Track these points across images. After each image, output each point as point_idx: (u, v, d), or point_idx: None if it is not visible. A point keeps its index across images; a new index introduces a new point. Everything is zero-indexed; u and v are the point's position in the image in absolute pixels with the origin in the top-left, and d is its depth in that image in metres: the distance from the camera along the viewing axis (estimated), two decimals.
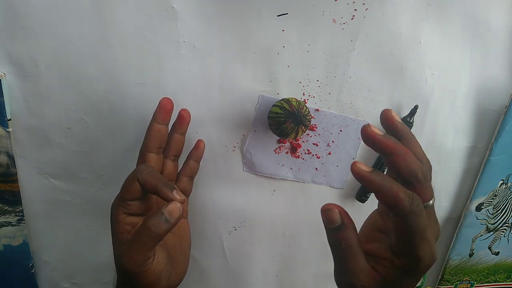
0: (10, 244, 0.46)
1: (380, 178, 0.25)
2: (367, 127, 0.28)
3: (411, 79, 0.44)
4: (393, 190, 0.25)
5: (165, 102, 0.37)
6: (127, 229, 0.33)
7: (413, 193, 0.26)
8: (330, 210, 0.27)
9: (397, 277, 0.28)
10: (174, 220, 0.31)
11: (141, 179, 0.32)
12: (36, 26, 0.37)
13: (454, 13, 0.42)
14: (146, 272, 0.32)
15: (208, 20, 0.39)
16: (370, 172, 0.26)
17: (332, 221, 0.27)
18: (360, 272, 0.28)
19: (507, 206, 0.54)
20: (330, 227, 0.28)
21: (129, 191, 0.32)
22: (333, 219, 0.27)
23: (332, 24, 0.40)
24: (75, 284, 0.52)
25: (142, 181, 0.32)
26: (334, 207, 0.27)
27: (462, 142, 0.49)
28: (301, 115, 0.39)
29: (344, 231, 0.27)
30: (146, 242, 0.30)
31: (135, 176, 0.32)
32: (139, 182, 0.32)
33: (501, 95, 0.47)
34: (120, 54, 0.39)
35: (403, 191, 0.25)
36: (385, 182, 0.25)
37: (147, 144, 0.37)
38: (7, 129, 0.40)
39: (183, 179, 0.41)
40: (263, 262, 0.53)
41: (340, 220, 0.27)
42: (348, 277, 0.28)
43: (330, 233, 0.28)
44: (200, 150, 0.42)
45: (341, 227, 0.27)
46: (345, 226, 0.27)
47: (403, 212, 0.25)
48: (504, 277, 0.60)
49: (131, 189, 0.32)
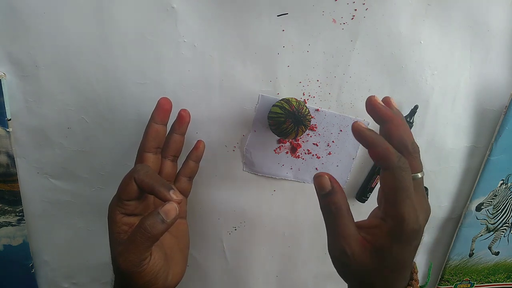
0: (10, 244, 0.46)
1: (374, 134, 0.29)
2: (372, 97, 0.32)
3: (411, 79, 0.44)
4: (385, 144, 0.29)
5: (164, 102, 0.36)
6: (124, 229, 0.33)
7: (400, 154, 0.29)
8: (321, 176, 0.30)
9: (385, 243, 0.29)
10: (171, 220, 0.31)
11: (137, 179, 0.32)
12: (36, 26, 0.37)
13: (454, 13, 0.42)
14: (143, 272, 0.32)
15: (208, 20, 0.39)
16: (367, 129, 0.29)
17: (323, 187, 0.30)
18: (350, 238, 0.30)
19: (507, 206, 0.54)
20: (322, 193, 0.30)
21: (126, 191, 0.32)
22: (324, 185, 0.30)
23: (332, 24, 0.40)
24: (75, 284, 0.52)
25: (138, 181, 0.32)
26: (324, 174, 0.30)
27: (462, 142, 0.49)
28: (301, 115, 0.39)
29: (333, 195, 0.30)
30: (142, 243, 0.30)
31: (132, 176, 0.32)
32: (136, 182, 0.32)
33: (501, 95, 0.47)
34: (120, 54, 0.39)
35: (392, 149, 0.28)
36: (378, 137, 0.29)
37: (145, 144, 0.37)
38: (7, 129, 0.40)
39: (182, 180, 0.41)
40: (263, 262, 0.53)
41: (330, 186, 0.30)
42: (339, 243, 0.30)
43: (322, 199, 0.31)
44: (199, 150, 0.42)
45: (331, 192, 0.30)
46: (335, 191, 0.30)
47: (391, 165, 0.28)
48: (504, 277, 0.60)
49: (128, 189, 0.32)
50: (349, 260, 0.30)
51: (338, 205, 0.30)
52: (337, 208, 0.30)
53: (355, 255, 0.29)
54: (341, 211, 0.30)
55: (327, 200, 0.30)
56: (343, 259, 0.30)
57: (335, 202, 0.30)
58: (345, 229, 0.30)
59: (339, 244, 0.30)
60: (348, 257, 0.30)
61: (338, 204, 0.30)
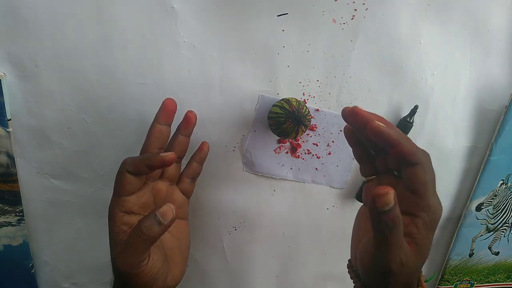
0: (10, 244, 0.46)
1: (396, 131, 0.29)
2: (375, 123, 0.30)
3: (411, 79, 0.44)
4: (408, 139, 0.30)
5: (168, 102, 0.36)
6: (123, 229, 0.33)
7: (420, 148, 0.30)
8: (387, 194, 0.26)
9: (423, 237, 0.29)
10: (168, 222, 0.31)
11: (128, 167, 0.33)
12: (36, 26, 0.37)
13: (454, 13, 0.42)
14: (141, 273, 0.32)
15: (208, 20, 0.39)
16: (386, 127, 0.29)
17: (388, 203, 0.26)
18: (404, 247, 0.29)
19: (507, 206, 0.54)
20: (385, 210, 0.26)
21: (122, 185, 0.33)
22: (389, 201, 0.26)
23: (332, 24, 0.40)
24: (75, 284, 0.52)
25: (130, 168, 0.33)
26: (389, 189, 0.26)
27: (462, 142, 0.49)
28: (301, 115, 0.39)
29: (395, 209, 0.27)
30: (139, 245, 0.30)
31: (123, 168, 0.33)
32: (129, 171, 0.33)
33: (501, 95, 0.47)
34: (120, 54, 0.39)
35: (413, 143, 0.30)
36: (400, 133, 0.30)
37: (148, 144, 0.37)
38: (7, 129, 0.40)
39: (185, 180, 0.41)
40: (263, 262, 0.53)
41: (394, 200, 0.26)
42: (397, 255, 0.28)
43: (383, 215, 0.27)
44: (204, 152, 0.41)
45: (395, 206, 0.26)
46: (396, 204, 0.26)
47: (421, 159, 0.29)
48: (504, 277, 0.60)
49: (123, 182, 0.33)
50: (403, 268, 0.29)
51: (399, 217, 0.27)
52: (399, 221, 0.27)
53: (409, 262, 0.29)
54: (400, 223, 0.27)
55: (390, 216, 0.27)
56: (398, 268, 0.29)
57: (398, 215, 0.27)
58: (401, 239, 0.28)
59: (397, 256, 0.28)
60: (402, 266, 0.29)
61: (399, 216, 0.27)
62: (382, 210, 0.26)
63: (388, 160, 0.33)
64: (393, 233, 0.27)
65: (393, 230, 0.27)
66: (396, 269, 0.29)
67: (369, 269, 0.31)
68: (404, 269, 0.29)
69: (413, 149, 0.29)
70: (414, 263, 0.29)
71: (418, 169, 0.29)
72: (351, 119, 0.32)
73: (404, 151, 0.29)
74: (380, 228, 0.27)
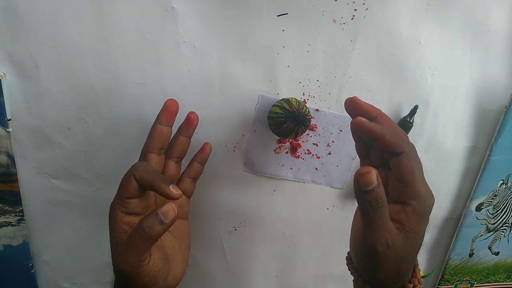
0: (10, 244, 0.46)
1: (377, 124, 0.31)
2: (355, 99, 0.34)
3: (411, 79, 0.44)
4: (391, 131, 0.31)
5: (170, 103, 0.36)
6: (124, 228, 0.33)
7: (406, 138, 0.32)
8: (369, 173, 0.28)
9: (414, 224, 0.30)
10: (169, 221, 0.30)
11: (137, 175, 0.32)
12: (36, 26, 0.37)
13: (454, 13, 0.42)
14: (142, 273, 0.32)
15: (208, 20, 0.39)
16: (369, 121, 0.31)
17: (370, 182, 0.28)
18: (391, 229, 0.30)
19: (507, 206, 0.54)
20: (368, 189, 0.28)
21: (126, 189, 0.32)
22: (372, 180, 0.28)
23: (332, 24, 0.40)
24: (75, 284, 0.52)
25: (138, 177, 0.32)
26: (371, 169, 0.28)
27: (462, 142, 0.49)
28: (301, 115, 0.39)
29: (379, 189, 0.28)
30: (140, 244, 0.30)
31: (131, 173, 0.32)
32: (136, 178, 0.32)
33: (501, 95, 0.47)
34: (120, 54, 0.39)
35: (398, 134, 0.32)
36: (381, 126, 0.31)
37: (149, 145, 0.37)
38: (7, 129, 0.40)
39: (186, 181, 0.41)
40: (263, 262, 0.53)
41: (377, 180, 0.28)
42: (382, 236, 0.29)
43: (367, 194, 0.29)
44: (206, 153, 0.41)
45: (377, 186, 0.28)
46: (379, 184, 0.28)
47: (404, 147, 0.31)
48: (504, 277, 0.60)
49: (128, 187, 0.32)
50: (389, 250, 0.30)
51: (383, 198, 0.29)
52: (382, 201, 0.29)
53: (395, 244, 0.30)
54: (384, 204, 0.29)
55: (373, 195, 0.28)
56: (384, 250, 0.30)
57: (381, 195, 0.29)
58: (387, 221, 0.30)
59: (383, 237, 0.29)
60: (389, 248, 0.30)
61: (383, 197, 0.29)
62: (365, 189, 0.28)
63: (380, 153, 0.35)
64: (377, 213, 0.29)
65: (377, 210, 0.29)
66: (381, 250, 0.30)
67: (359, 253, 0.33)
68: (390, 251, 0.30)
69: (396, 140, 0.31)
70: (403, 248, 0.30)
71: (403, 158, 0.31)
72: (350, 109, 0.34)
73: (387, 142, 0.31)
74: (364, 207, 0.29)
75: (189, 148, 0.40)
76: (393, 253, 0.30)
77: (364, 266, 0.33)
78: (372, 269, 0.32)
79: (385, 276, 0.32)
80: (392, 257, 0.30)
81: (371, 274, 0.33)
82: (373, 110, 0.33)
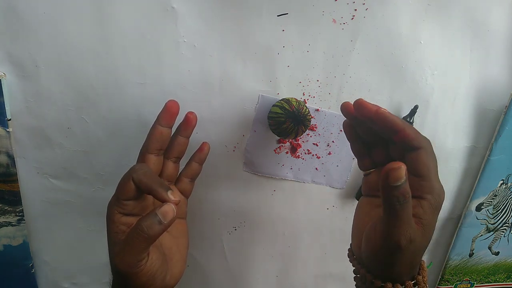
0: (10, 244, 0.46)
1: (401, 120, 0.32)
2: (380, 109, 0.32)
3: (411, 79, 0.44)
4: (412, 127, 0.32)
5: (171, 105, 0.36)
6: (122, 229, 0.33)
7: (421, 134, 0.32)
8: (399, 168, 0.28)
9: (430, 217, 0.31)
10: (168, 221, 0.30)
11: (136, 178, 0.32)
12: (36, 26, 0.37)
13: (454, 13, 0.42)
14: (140, 273, 0.32)
15: (208, 20, 0.39)
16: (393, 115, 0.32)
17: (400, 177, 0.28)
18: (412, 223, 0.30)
19: (507, 206, 0.54)
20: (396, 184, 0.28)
21: (124, 191, 0.32)
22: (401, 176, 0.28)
23: (332, 24, 0.40)
24: (75, 284, 0.52)
25: (137, 180, 0.32)
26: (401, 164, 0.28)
27: (462, 142, 0.49)
28: (301, 115, 0.39)
29: (406, 184, 0.29)
30: (139, 244, 0.30)
31: (130, 175, 0.32)
32: (134, 181, 0.32)
33: (501, 95, 0.47)
34: (120, 54, 0.39)
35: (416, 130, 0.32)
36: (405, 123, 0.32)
37: (148, 145, 0.37)
38: (7, 129, 0.40)
39: (184, 180, 0.41)
40: (263, 262, 0.53)
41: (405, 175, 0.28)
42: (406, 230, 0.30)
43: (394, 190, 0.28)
44: (204, 152, 0.41)
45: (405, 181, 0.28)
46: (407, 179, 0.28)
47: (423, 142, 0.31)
48: (504, 277, 0.60)
49: (126, 189, 0.32)
50: (410, 245, 0.30)
51: (409, 193, 0.29)
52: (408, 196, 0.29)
53: (416, 239, 0.30)
54: (410, 199, 0.29)
55: (401, 191, 0.28)
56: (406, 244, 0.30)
57: (408, 191, 0.29)
58: (410, 216, 0.30)
59: (407, 232, 0.30)
60: (410, 242, 0.30)
61: (409, 192, 0.29)
62: (394, 184, 0.28)
63: (391, 149, 0.35)
64: (404, 208, 0.29)
65: (404, 205, 0.29)
66: (405, 245, 0.30)
67: (376, 249, 0.32)
68: (411, 246, 0.30)
69: (416, 135, 0.31)
70: (421, 242, 0.31)
71: (421, 153, 0.31)
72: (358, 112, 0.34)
73: (408, 135, 0.31)
74: (392, 203, 0.29)
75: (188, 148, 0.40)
76: (413, 247, 0.30)
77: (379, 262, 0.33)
78: (389, 264, 0.32)
79: (400, 269, 0.32)
80: (411, 251, 0.31)
81: (386, 269, 0.33)
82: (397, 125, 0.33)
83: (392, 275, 0.33)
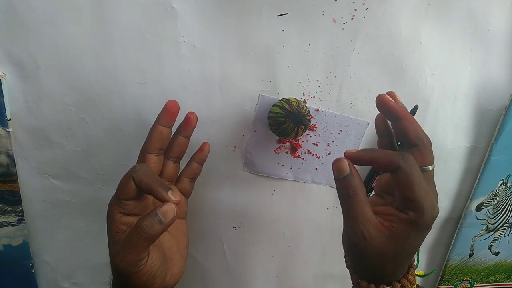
0: (10, 244, 0.46)
1: (369, 151, 0.31)
2: (383, 95, 0.34)
3: (411, 79, 0.44)
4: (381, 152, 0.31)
5: (171, 105, 0.36)
6: (122, 228, 0.33)
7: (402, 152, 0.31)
8: (340, 160, 0.31)
9: (404, 230, 0.30)
10: (168, 221, 0.31)
11: (136, 178, 0.32)
12: (36, 26, 0.37)
13: (454, 13, 0.42)
14: (140, 272, 0.32)
15: (208, 20, 0.39)
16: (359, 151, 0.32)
17: (342, 170, 0.31)
18: (368, 222, 0.30)
19: (507, 206, 0.54)
20: (340, 177, 0.31)
21: (125, 191, 0.32)
22: (342, 169, 0.31)
23: (332, 24, 0.40)
24: (75, 284, 0.52)
25: (137, 180, 0.32)
26: (343, 158, 0.31)
27: (462, 142, 0.49)
28: (301, 115, 0.39)
29: (351, 179, 0.31)
30: (139, 243, 0.30)
31: (130, 175, 0.32)
32: (134, 181, 0.32)
33: (501, 95, 0.47)
34: (120, 54, 0.39)
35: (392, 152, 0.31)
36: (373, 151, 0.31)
37: (148, 145, 0.37)
38: (7, 129, 0.40)
39: (184, 180, 0.41)
40: (263, 262, 0.53)
41: (348, 169, 0.31)
42: (356, 227, 0.30)
43: (340, 182, 0.31)
44: (204, 153, 0.41)
45: (349, 176, 0.31)
46: (352, 175, 0.31)
47: (398, 164, 0.30)
48: (504, 277, 0.60)
49: (127, 189, 0.32)
50: (366, 243, 0.30)
51: (356, 188, 0.30)
52: (354, 192, 0.30)
53: (373, 238, 0.30)
54: (358, 195, 0.30)
55: (345, 184, 0.31)
56: (361, 242, 0.30)
57: (353, 185, 0.30)
58: (363, 213, 0.30)
59: (357, 228, 0.30)
60: (365, 241, 0.30)
61: (355, 187, 0.30)
62: (338, 177, 0.31)
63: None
64: (349, 203, 0.31)
65: (349, 200, 0.31)
66: (357, 242, 0.30)
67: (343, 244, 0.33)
68: (368, 245, 0.30)
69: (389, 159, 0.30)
70: (384, 245, 0.30)
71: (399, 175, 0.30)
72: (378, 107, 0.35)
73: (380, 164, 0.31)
74: (339, 196, 0.32)
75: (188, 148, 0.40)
76: (372, 247, 0.30)
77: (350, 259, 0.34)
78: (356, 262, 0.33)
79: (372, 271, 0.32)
80: (373, 252, 0.30)
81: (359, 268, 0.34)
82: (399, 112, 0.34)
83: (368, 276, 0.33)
